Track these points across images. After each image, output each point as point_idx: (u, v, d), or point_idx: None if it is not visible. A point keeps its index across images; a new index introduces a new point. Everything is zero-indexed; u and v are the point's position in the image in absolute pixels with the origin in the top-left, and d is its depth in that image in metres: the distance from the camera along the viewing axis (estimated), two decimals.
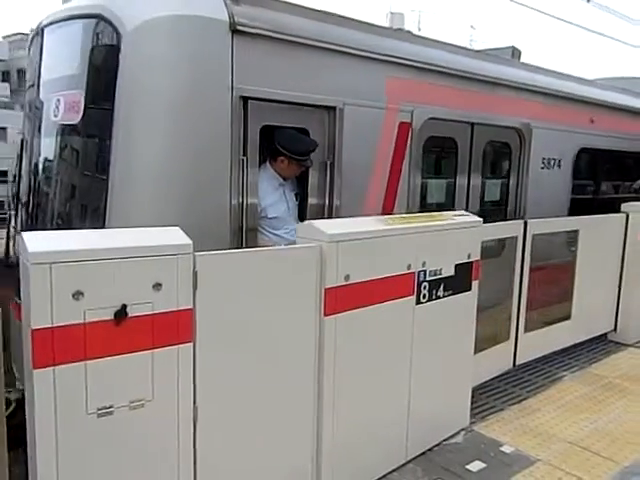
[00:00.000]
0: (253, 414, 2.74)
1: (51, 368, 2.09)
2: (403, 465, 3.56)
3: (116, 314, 2.21)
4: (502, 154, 5.70)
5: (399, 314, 3.36)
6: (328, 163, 3.97)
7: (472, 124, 5.12)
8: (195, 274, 2.40)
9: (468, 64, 5.04)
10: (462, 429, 4.02)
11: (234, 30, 3.35)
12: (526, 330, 5.03)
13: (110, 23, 3.33)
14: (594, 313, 5.88)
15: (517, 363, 5.03)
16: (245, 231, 3.61)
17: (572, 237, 5.51)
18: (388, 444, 3.47)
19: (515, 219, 5.52)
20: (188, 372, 2.44)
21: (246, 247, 3.54)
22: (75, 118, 3.52)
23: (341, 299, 2.98)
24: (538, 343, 5.22)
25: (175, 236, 2.43)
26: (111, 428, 2.26)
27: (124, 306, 2.22)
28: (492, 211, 5.60)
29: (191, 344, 2.43)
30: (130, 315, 2.24)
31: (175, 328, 2.36)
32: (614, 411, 4.42)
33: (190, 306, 2.40)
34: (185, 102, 3.33)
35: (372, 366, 3.25)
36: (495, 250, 4.78)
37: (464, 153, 5.15)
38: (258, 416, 2.76)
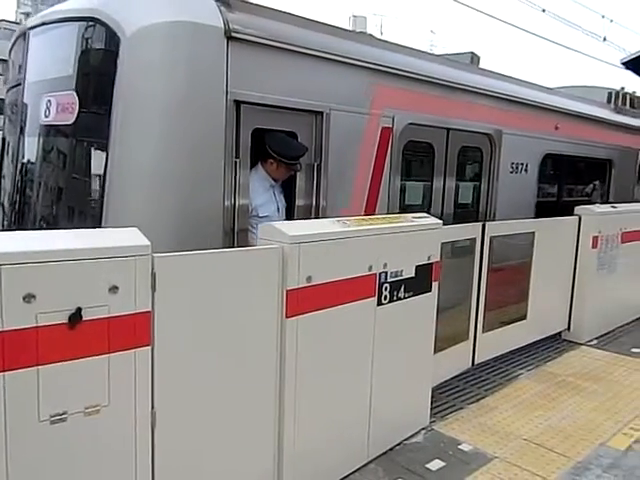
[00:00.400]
0: (214, 417, 2.70)
1: (0, 374, 2.01)
2: (365, 465, 3.58)
3: (70, 318, 2.14)
4: (475, 159, 5.87)
5: (360, 315, 3.38)
6: (315, 165, 4.11)
7: (448, 130, 5.31)
8: (153, 276, 2.35)
9: (445, 72, 5.25)
10: (422, 428, 4.07)
11: (229, 36, 3.46)
12: (484, 330, 5.15)
13: (108, 27, 3.40)
14: (549, 313, 6.07)
15: (476, 362, 5.13)
16: (237, 232, 3.68)
17: (529, 239, 5.68)
18: (350, 445, 3.49)
19: (486, 221, 5.69)
20: (146, 376, 2.39)
21: (238, 247, 3.59)
22: (69, 119, 3.57)
23: (303, 300, 2.98)
24: (496, 342, 5.34)
25: (133, 237, 2.38)
26: (65, 435, 2.19)
27: (79, 309, 2.16)
28: (465, 213, 5.80)
29: (149, 347, 2.38)
30: (85, 319, 2.17)
31: (132, 331, 2.31)
32: (567, 408, 4.56)
33: (148, 309, 2.35)
34: (181, 105, 3.41)
35: (334, 367, 3.25)
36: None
37: (440, 157, 5.35)
38: (219, 419, 2.72)
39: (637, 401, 4.73)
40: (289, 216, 4.13)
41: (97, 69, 3.65)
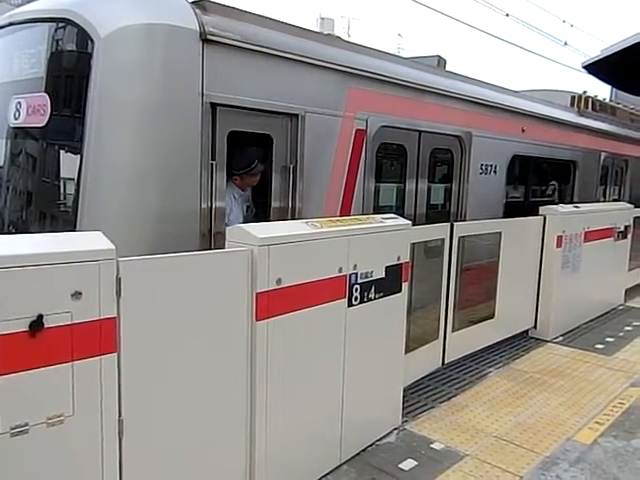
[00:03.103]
0: (184, 423, 2.65)
1: None
2: (337, 467, 3.57)
3: (31, 325, 2.07)
4: (446, 160, 5.96)
5: (331, 317, 3.38)
6: (291, 167, 4.10)
7: (420, 132, 5.36)
8: (119, 281, 2.30)
9: (417, 75, 5.30)
10: (395, 428, 4.09)
11: (204, 39, 3.45)
12: (454, 329, 5.21)
13: (81, 29, 3.35)
14: (516, 311, 6.18)
15: (446, 361, 5.19)
16: (214, 234, 3.65)
17: (496, 239, 5.78)
18: (322, 447, 3.47)
19: (456, 221, 5.76)
20: (112, 384, 2.32)
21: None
22: (41, 121, 3.49)
23: (273, 303, 2.95)
24: (465, 341, 5.41)
25: (97, 241, 2.31)
26: (27, 448, 2.11)
27: (40, 316, 2.09)
28: (437, 213, 5.88)
29: (115, 354, 2.32)
30: (47, 326, 2.10)
31: (97, 338, 2.25)
32: (535, 404, 4.64)
33: (113, 314, 2.29)
34: (157, 108, 3.38)
35: (305, 369, 3.24)
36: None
37: (412, 159, 5.41)
38: (189, 425, 2.68)
39: (601, 396, 4.85)
40: (265, 218, 4.13)
41: (70, 71, 3.60)
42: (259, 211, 4.33)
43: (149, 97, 3.36)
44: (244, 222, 4.32)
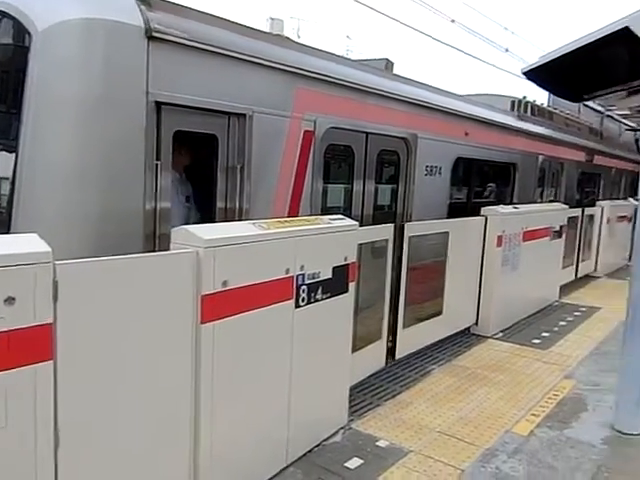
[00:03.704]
0: (125, 431, 2.58)
1: None
2: (284, 469, 3.56)
3: None
4: (392, 162, 6.04)
5: (278, 318, 3.37)
6: (238, 168, 4.05)
7: (367, 133, 5.41)
8: (55, 285, 2.20)
9: (365, 78, 5.36)
10: (341, 428, 4.13)
11: (149, 36, 3.37)
12: (405, 326, 5.32)
13: (18, 22, 3.21)
14: (460, 308, 6.38)
15: (397, 357, 5.29)
16: (159, 236, 3.56)
17: (443, 239, 5.95)
18: (269, 449, 3.46)
19: (403, 222, 5.86)
20: (48, 393, 2.22)
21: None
22: None
23: (219, 305, 2.92)
24: (415, 338, 5.55)
25: (31, 243, 2.21)
26: None
27: None
28: (384, 214, 5.98)
29: (51, 362, 2.22)
30: None
31: (32, 346, 2.14)
32: (476, 399, 4.80)
33: (50, 320, 2.20)
34: (97, 105, 3.28)
35: (252, 371, 3.22)
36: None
37: (360, 160, 5.47)
38: (130, 433, 2.60)
39: (537, 389, 5.07)
40: (211, 219, 4.07)
41: (5, 65, 3.47)
42: (205, 212, 4.26)
43: (88, 94, 3.26)
44: (184, 213, 4.25)
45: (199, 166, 4.33)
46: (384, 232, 4.87)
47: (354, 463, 3.68)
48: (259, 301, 3.19)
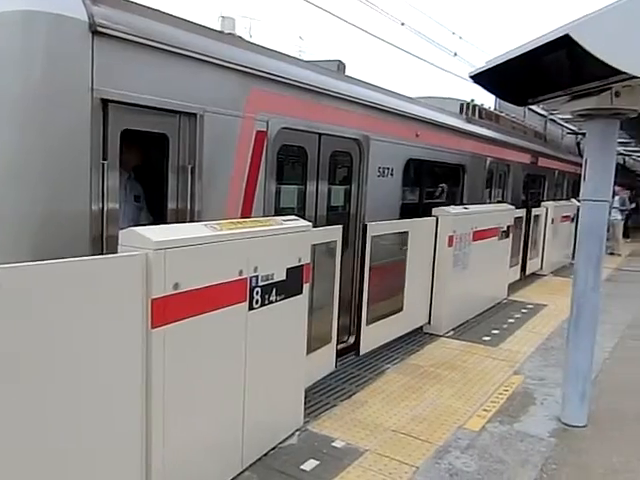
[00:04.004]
0: (71, 444, 2.46)
1: None
2: (240, 474, 3.51)
3: None
4: (345, 163, 6.08)
5: (232, 321, 3.32)
6: (189, 168, 3.96)
7: (320, 134, 5.40)
8: None
9: (317, 79, 5.34)
10: (297, 429, 4.10)
11: (94, 31, 3.23)
12: (368, 323, 5.48)
13: None
14: (417, 307, 6.52)
15: (361, 353, 5.45)
16: (106, 238, 3.43)
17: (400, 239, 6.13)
18: (224, 455, 3.40)
19: (356, 223, 6.03)
20: None
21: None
22: None
23: (170, 309, 2.84)
24: (378, 334, 5.71)
25: None
26: None
27: None
28: (337, 215, 6.00)
29: None
30: None
31: None
32: (430, 397, 4.88)
33: None
34: (38, 102, 3.12)
35: (205, 376, 3.15)
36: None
37: (313, 162, 5.46)
38: (77, 445, 2.49)
39: (488, 385, 5.20)
40: (162, 220, 3.96)
41: None
42: (157, 213, 4.15)
43: (28, 89, 3.10)
44: (134, 214, 4.13)
45: (150, 166, 4.22)
46: (333, 234, 4.83)
47: (310, 465, 3.66)
48: (212, 304, 3.13)
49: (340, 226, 4.89)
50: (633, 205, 18.39)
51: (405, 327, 6.36)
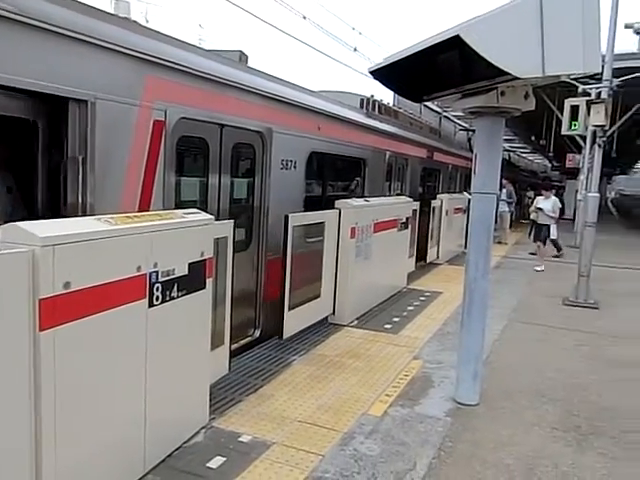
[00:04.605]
0: None
1: None
2: (142, 478, 3.37)
3: None
4: (248, 155, 5.99)
5: (130, 319, 3.16)
6: (80, 159, 3.71)
7: (222, 126, 5.25)
8: None
9: (219, 69, 5.21)
10: (202, 427, 4.02)
11: None
12: (290, 309, 5.69)
13: None
14: (327, 297, 6.70)
15: (284, 337, 5.78)
16: None
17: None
18: (125, 460, 3.25)
19: (260, 216, 6.08)
20: None
21: None
22: None
23: (61, 310, 2.65)
24: (299, 319, 6.03)
25: None
26: None
27: None
28: (240, 208, 5.94)
29: None
30: None
31: None
32: (335, 386, 4.98)
33: None
34: None
35: (102, 379, 2.98)
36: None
37: (215, 153, 5.33)
38: None
39: (389, 371, 5.41)
40: (52, 214, 3.68)
41: None
42: (45, 207, 3.84)
43: None
44: (4, 207, 3.82)
45: (29, 156, 3.89)
46: (223, 229, 4.43)
47: (217, 462, 3.60)
48: (108, 302, 2.96)
49: (232, 221, 4.59)
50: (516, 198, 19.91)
51: (322, 313, 6.65)
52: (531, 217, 12.60)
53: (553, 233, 12.01)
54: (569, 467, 3.84)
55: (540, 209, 12.16)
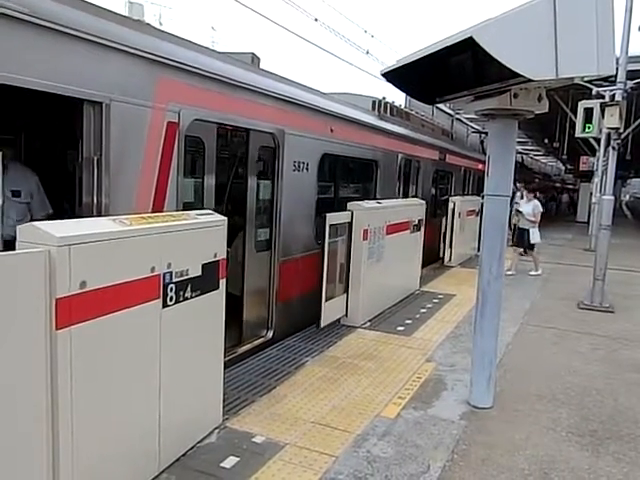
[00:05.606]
0: None
1: None
2: (157, 477, 3.40)
3: None
4: (260, 157, 6.01)
5: (145, 319, 3.19)
6: (95, 160, 3.74)
7: (235, 128, 5.32)
8: None
9: (232, 71, 5.24)
10: (216, 427, 4.03)
11: None
12: (327, 300, 6.26)
13: None
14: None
15: (322, 325, 6.33)
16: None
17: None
18: (139, 459, 3.27)
19: (272, 218, 6.08)
20: None
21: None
22: None
23: (77, 309, 2.68)
24: (334, 309, 6.52)
25: None
26: None
27: None
28: (257, 209, 5.95)
29: None
30: None
31: None
32: (347, 387, 4.97)
33: None
34: None
35: (117, 377, 3.01)
36: None
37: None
38: None
39: (402, 373, 5.39)
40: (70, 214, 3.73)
41: None
42: (59, 208, 3.90)
43: None
44: (17, 211, 3.87)
45: (46, 158, 3.95)
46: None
47: (230, 462, 3.61)
48: (122, 302, 2.99)
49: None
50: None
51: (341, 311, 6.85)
52: (512, 221, 12.19)
53: (533, 237, 11.60)
54: (585, 472, 3.79)
55: (520, 212, 11.69)
